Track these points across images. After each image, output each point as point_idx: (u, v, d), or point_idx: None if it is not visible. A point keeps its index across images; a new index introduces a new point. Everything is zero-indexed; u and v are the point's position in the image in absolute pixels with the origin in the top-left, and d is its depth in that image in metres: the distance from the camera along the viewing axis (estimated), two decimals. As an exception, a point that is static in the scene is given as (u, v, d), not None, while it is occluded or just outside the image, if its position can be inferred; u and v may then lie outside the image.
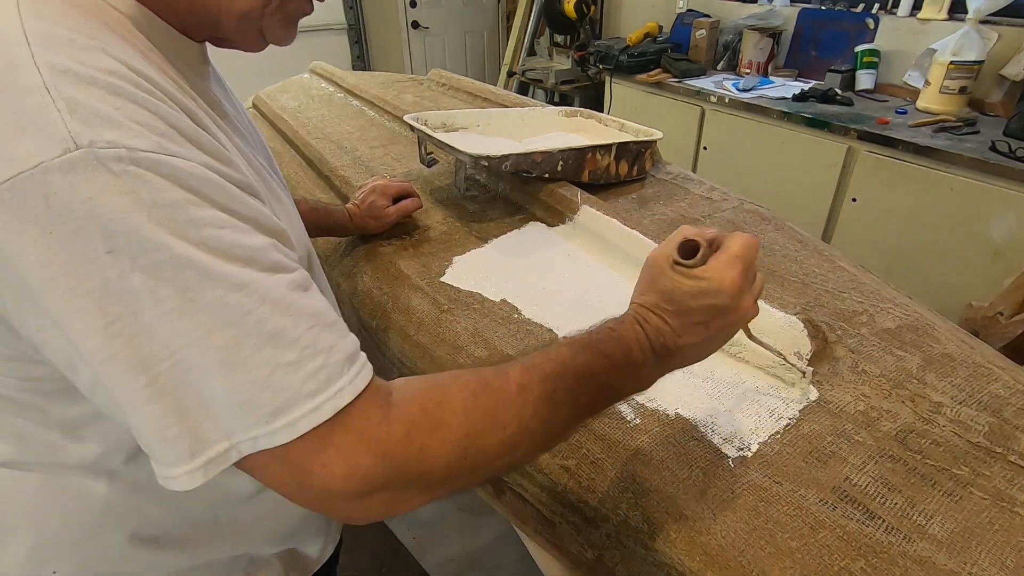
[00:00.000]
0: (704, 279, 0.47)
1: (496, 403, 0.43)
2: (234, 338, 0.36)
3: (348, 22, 4.04)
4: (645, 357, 0.49)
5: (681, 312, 0.49)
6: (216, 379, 0.36)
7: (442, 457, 0.41)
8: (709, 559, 0.56)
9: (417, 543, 1.66)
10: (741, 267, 0.48)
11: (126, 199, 0.34)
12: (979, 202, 1.78)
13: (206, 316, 0.36)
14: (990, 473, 0.60)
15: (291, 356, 0.38)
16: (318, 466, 0.38)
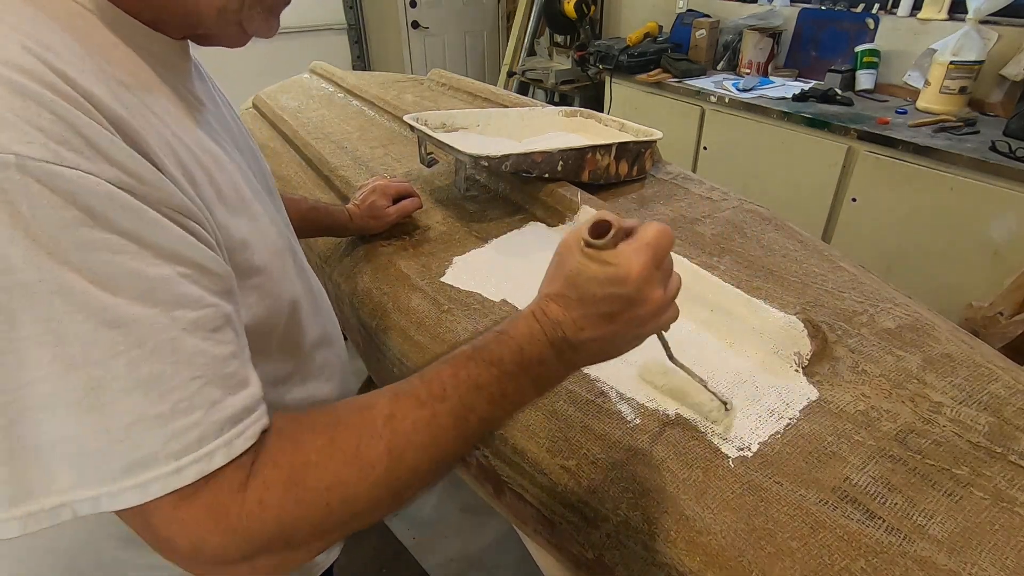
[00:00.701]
0: (611, 264, 0.42)
1: (358, 443, 0.39)
2: (96, 380, 0.32)
3: (348, 22, 4.03)
4: (542, 354, 0.44)
5: (585, 300, 0.43)
6: (64, 423, 0.32)
7: (303, 518, 0.37)
8: (709, 559, 0.56)
9: (417, 543, 1.66)
10: (651, 255, 0.43)
11: (3, 210, 0.30)
12: (979, 202, 1.78)
13: (68, 350, 0.32)
14: (990, 473, 0.60)
15: (160, 408, 0.34)
16: (165, 536, 0.35)
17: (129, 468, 0.33)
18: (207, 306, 0.37)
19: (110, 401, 0.33)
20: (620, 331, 0.45)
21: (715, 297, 0.83)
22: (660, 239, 0.44)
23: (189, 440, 0.34)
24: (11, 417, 0.32)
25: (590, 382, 0.74)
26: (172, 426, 0.34)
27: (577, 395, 0.72)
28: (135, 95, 0.40)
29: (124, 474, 0.33)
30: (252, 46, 0.64)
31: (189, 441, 0.34)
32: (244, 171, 0.54)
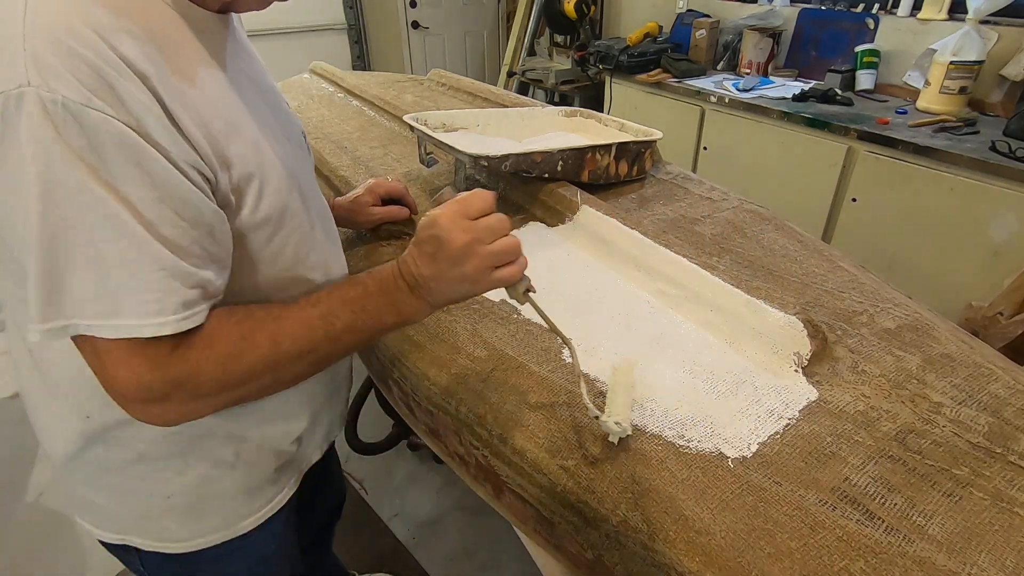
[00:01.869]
0: (429, 213, 0.58)
1: (253, 328, 0.56)
2: (99, 252, 0.48)
3: (348, 22, 4.03)
4: (397, 284, 0.60)
5: (417, 242, 0.59)
6: (79, 275, 0.48)
7: (207, 372, 0.54)
8: (709, 559, 0.56)
9: (417, 542, 1.66)
10: (457, 206, 0.57)
11: (52, 132, 0.45)
12: (979, 202, 1.78)
13: (84, 231, 0.47)
14: (990, 473, 0.60)
15: (134, 284, 0.49)
16: (113, 372, 0.51)
17: (108, 314, 0.49)
18: (179, 226, 0.51)
19: (106, 270, 0.49)
20: (444, 269, 0.58)
21: (715, 297, 0.83)
22: (469, 196, 0.58)
23: (151, 310, 0.50)
24: (47, 265, 0.48)
25: (590, 382, 0.74)
26: (142, 296, 0.50)
27: (577, 395, 0.72)
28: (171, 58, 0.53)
29: (104, 316, 0.49)
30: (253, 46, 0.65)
31: (151, 311, 0.50)
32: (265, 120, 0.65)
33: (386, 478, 1.87)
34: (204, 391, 0.54)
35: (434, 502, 1.79)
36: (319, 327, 0.58)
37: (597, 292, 0.90)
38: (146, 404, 0.53)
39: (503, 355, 0.79)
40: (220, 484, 0.72)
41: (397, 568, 1.60)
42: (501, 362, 0.79)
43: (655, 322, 0.84)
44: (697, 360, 0.77)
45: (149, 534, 0.73)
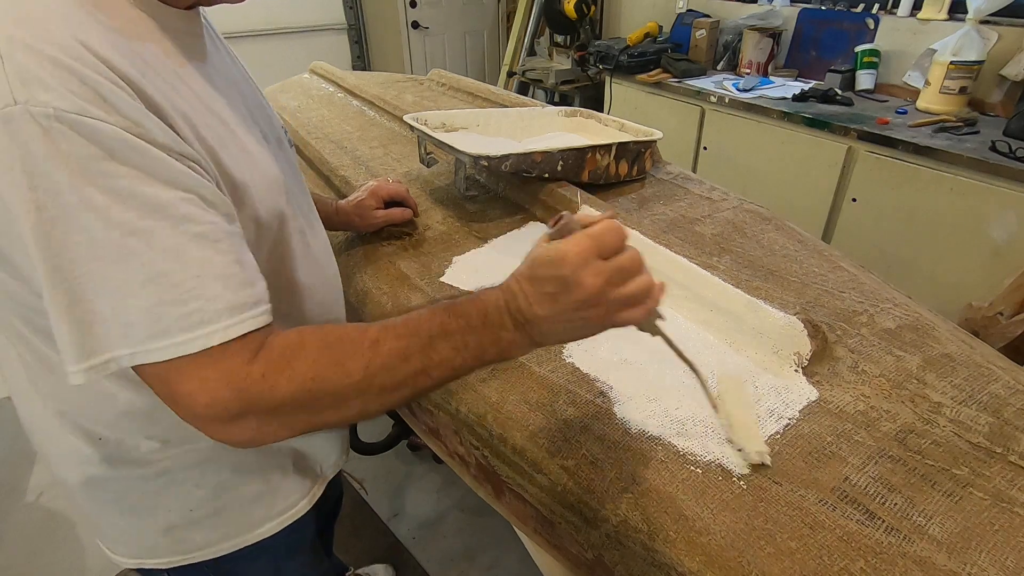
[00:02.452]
0: (553, 247, 0.49)
1: (345, 354, 0.50)
2: (125, 272, 0.44)
3: (348, 22, 4.03)
4: (503, 320, 0.51)
5: (534, 279, 0.50)
6: (109, 302, 0.44)
7: (288, 393, 0.48)
8: (709, 559, 0.56)
9: (417, 543, 1.66)
10: (590, 243, 0.48)
11: (49, 148, 0.42)
12: (979, 202, 1.78)
13: (104, 251, 0.44)
14: (990, 473, 0.60)
15: (173, 295, 0.45)
16: (185, 391, 0.47)
17: (153, 336, 0.45)
18: (207, 223, 0.48)
19: (136, 289, 0.44)
20: (565, 312, 0.50)
21: (715, 297, 0.83)
22: (604, 231, 0.49)
23: (194, 321, 0.45)
24: (72, 298, 0.44)
25: (590, 382, 0.74)
26: (181, 310, 0.45)
27: (577, 395, 0.72)
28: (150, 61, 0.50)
29: (150, 339, 0.45)
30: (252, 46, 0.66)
31: (194, 322, 0.45)
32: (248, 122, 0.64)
33: (386, 478, 1.87)
34: (284, 411, 0.48)
35: (434, 502, 1.79)
36: (416, 360, 0.50)
37: (597, 292, 0.90)
38: (222, 423, 0.48)
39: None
40: (239, 490, 0.72)
41: (398, 568, 1.60)
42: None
43: (655, 322, 0.84)
44: (697, 360, 0.77)
45: (174, 550, 0.73)
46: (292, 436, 0.52)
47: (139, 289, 0.45)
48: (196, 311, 0.46)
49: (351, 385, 0.49)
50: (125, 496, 0.68)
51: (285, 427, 0.50)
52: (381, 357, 0.50)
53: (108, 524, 0.72)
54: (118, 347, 0.45)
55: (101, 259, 0.44)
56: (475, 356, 0.52)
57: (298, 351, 0.49)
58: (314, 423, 0.51)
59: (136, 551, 0.73)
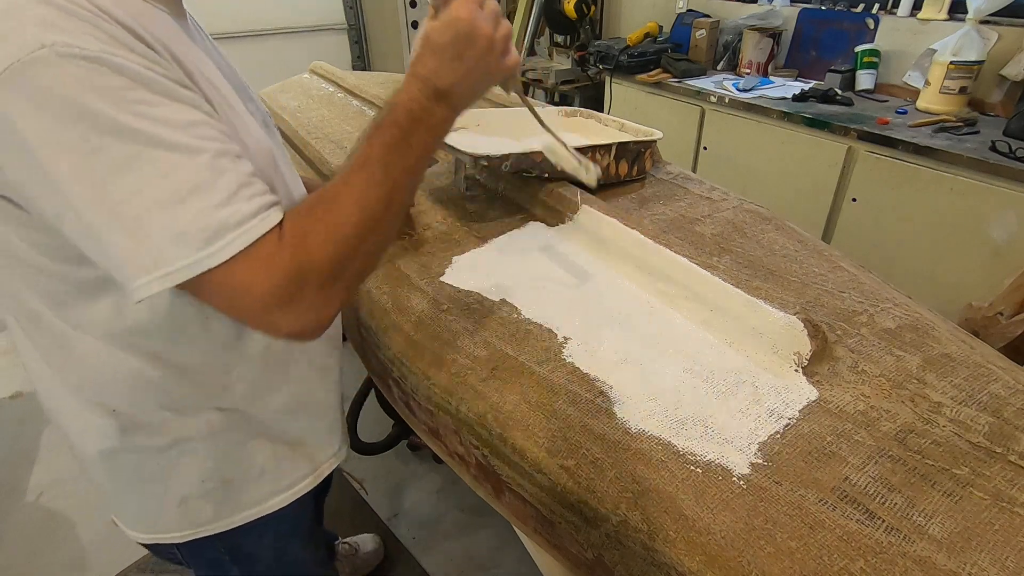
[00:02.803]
0: (445, 16, 0.57)
1: (332, 204, 0.55)
2: (172, 186, 0.47)
3: (348, 22, 4.03)
4: (424, 107, 0.58)
5: (437, 51, 0.57)
6: (161, 216, 0.47)
7: (321, 250, 0.53)
8: (709, 559, 0.56)
9: (417, 543, 1.66)
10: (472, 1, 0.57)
11: (81, 83, 0.45)
12: (979, 202, 1.78)
13: (149, 170, 0.47)
14: (990, 473, 0.60)
15: (216, 201, 0.49)
16: (244, 287, 0.50)
17: (207, 240, 0.48)
18: (227, 143, 0.52)
19: (182, 200, 0.48)
20: (472, 68, 0.58)
21: (715, 297, 0.83)
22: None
23: (235, 221, 0.49)
24: (125, 220, 0.47)
25: (590, 382, 0.74)
26: (224, 211, 0.49)
27: (577, 395, 0.72)
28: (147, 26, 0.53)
29: (205, 244, 0.48)
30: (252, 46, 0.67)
31: (235, 222, 0.49)
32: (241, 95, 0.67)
33: (386, 478, 1.87)
34: (326, 273, 0.53)
35: (434, 502, 1.79)
36: (381, 177, 0.57)
37: (597, 292, 0.90)
38: (285, 309, 0.51)
39: (503, 355, 0.79)
40: (248, 463, 0.76)
41: (398, 569, 1.60)
42: (501, 362, 0.79)
43: (655, 322, 0.84)
44: (697, 360, 0.77)
45: (187, 523, 0.76)
46: (347, 294, 0.56)
47: (188, 199, 0.48)
48: (236, 212, 0.50)
49: (356, 222, 0.55)
50: (141, 468, 0.71)
51: (336, 286, 0.54)
52: (358, 190, 0.55)
53: (125, 498, 0.75)
54: (177, 259, 0.48)
55: (148, 177, 0.47)
56: (422, 149, 0.59)
57: (303, 222, 0.54)
58: (355, 270, 0.56)
59: (151, 525, 0.76)
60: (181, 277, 0.48)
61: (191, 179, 0.48)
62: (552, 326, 0.83)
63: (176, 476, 0.72)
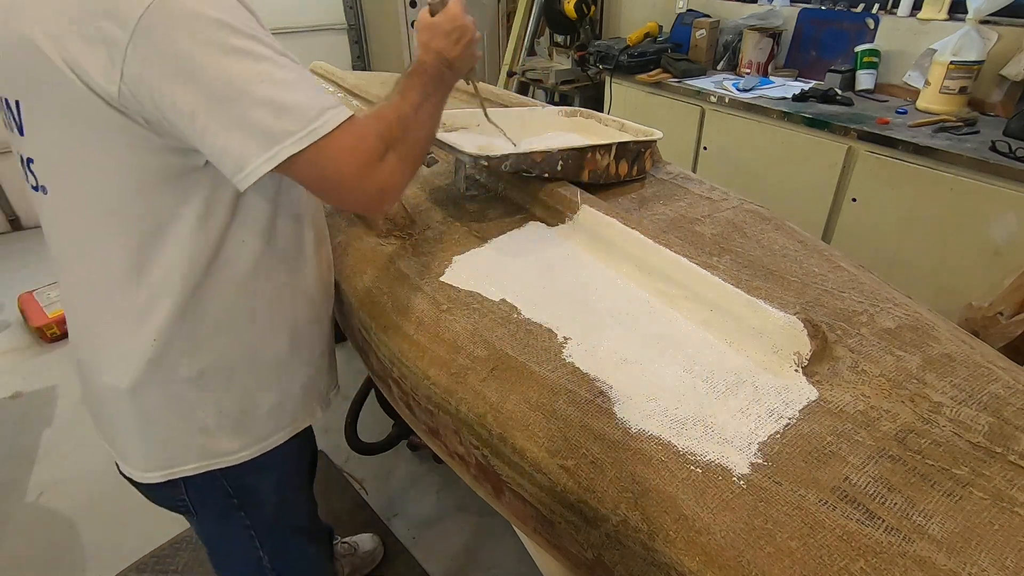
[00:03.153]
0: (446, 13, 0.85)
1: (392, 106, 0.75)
2: (285, 78, 0.62)
3: (348, 22, 4.03)
4: (442, 72, 0.82)
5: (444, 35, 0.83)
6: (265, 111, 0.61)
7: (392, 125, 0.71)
8: (709, 559, 0.56)
9: (417, 543, 1.66)
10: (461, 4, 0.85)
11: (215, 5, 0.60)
12: (979, 202, 1.78)
13: (268, 66, 0.62)
14: (990, 473, 0.60)
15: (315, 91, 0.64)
16: (347, 147, 0.65)
17: (308, 120, 0.62)
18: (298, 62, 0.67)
19: (300, 86, 0.63)
20: (463, 51, 0.84)
21: (715, 297, 0.83)
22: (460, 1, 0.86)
23: (330, 104, 0.65)
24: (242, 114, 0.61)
25: (590, 382, 0.74)
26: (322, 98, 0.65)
27: (577, 395, 0.72)
28: None
29: (308, 123, 0.62)
30: None
31: (330, 105, 0.65)
32: None
33: (386, 478, 1.87)
34: (396, 141, 0.70)
35: (434, 502, 1.79)
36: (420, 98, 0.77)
37: (597, 292, 0.90)
38: (377, 169, 0.68)
39: (503, 355, 0.79)
40: (260, 398, 0.84)
41: (398, 569, 1.60)
42: (501, 362, 0.79)
43: (655, 322, 0.84)
44: (697, 360, 0.77)
45: (202, 453, 0.82)
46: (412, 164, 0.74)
47: (302, 84, 0.63)
48: (329, 99, 0.65)
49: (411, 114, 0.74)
50: (169, 399, 0.78)
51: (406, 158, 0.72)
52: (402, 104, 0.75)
53: (150, 430, 0.80)
54: (284, 140, 0.61)
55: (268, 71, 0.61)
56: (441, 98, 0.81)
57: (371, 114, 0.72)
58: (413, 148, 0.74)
59: (169, 458, 0.82)
60: (308, 140, 0.62)
61: (296, 77, 0.63)
62: (552, 326, 0.83)
63: (200, 405, 0.79)
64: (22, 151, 0.71)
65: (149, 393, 0.77)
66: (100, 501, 1.81)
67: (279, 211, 0.78)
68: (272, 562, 0.97)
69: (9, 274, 3.04)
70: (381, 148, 0.68)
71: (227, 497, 0.88)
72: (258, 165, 0.61)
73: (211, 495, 0.87)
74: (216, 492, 0.87)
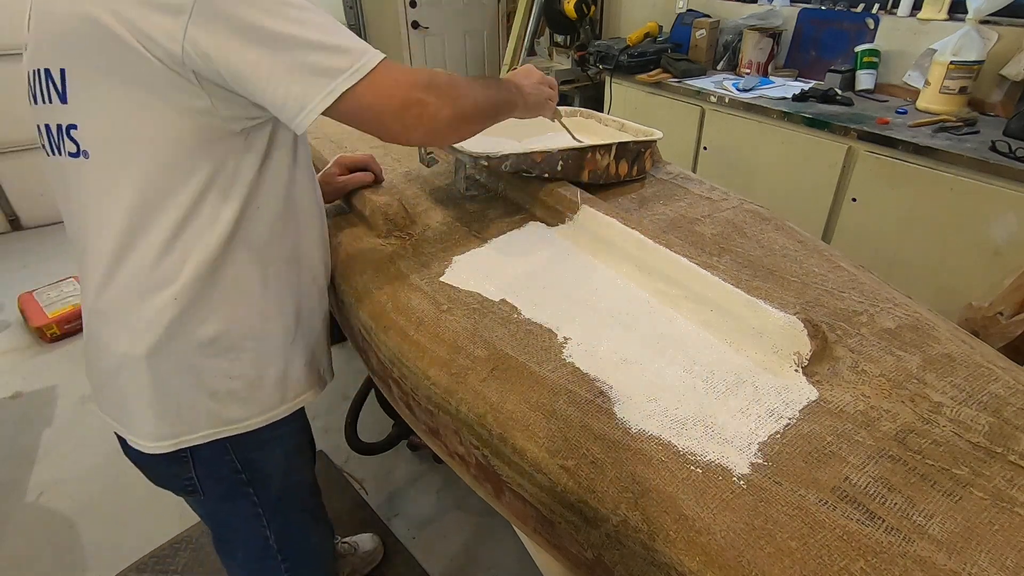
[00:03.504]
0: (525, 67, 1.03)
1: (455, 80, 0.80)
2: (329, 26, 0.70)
3: (348, 22, 4.03)
4: (519, 88, 0.97)
5: (519, 76, 1.01)
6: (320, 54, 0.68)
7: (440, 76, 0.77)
8: (709, 559, 0.56)
9: (417, 543, 1.66)
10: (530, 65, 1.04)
11: None
12: (979, 202, 1.78)
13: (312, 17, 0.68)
14: (990, 473, 0.60)
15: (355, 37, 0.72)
16: (396, 78, 0.72)
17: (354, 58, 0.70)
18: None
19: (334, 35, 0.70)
20: (532, 88, 0.99)
21: (715, 297, 0.83)
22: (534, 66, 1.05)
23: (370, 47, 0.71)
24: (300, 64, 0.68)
25: (590, 382, 0.74)
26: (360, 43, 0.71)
27: (577, 395, 0.72)
28: None
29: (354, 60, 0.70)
30: None
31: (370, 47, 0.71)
32: None
33: (386, 478, 1.87)
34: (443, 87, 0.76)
35: (434, 502, 1.79)
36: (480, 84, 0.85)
37: (597, 292, 0.90)
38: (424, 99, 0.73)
39: (503, 355, 0.79)
40: (270, 367, 0.87)
41: (398, 568, 1.60)
42: (501, 362, 0.79)
43: (655, 322, 0.84)
44: (697, 360, 0.77)
45: (211, 421, 0.84)
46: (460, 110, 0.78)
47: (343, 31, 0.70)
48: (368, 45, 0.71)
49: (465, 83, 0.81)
50: (181, 363, 0.80)
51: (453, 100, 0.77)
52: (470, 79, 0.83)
53: (164, 397, 0.81)
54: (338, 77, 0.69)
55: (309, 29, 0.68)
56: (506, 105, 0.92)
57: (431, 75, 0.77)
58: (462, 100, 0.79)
59: (179, 426, 0.83)
60: (360, 75, 0.69)
61: (336, 27, 0.70)
62: (552, 326, 0.83)
63: (210, 373, 0.82)
64: (59, 120, 0.73)
65: (164, 359, 0.79)
66: (100, 501, 1.81)
67: (294, 179, 0.85)
68: (278, 542, 0.99)
69: (9, 274, 3.04)
70: (421, 85, 0.73)
71: (235, 472, 0.90)
72: (317, 103, 0.69)
73: (219, 470, 0.89)
74: (224, 467, 0.89)
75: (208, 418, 0.84)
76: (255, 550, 0.99)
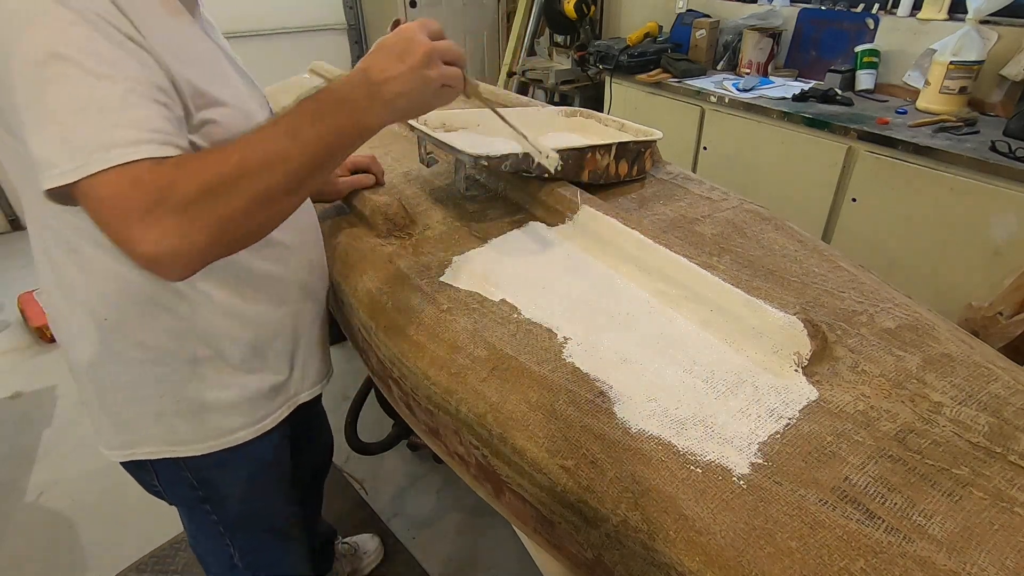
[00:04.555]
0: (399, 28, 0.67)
1: (221, 148, 0.60)
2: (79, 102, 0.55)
3: (348, 22, 4.04)
4: (353, 90, 0.64)
5: (382, 49, 0.65)
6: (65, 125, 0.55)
7: (188, 179, 0.57)
8: (709, 559, 0.56)
9: (417, 543, 1.66)
10: (418, 23, 0.67)
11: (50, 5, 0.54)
12: (979, 202, 1.78)
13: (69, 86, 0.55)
14: (990, 473, 0.60)
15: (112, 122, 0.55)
16: (110, 195, 0.55)
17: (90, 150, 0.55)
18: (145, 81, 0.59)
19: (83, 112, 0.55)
20: (408, 71, 0.64)
21: (715, 297, 0.83)
22: (424, 21, 0.68)
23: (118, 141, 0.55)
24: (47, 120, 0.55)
25: (590, 382, 0.74)
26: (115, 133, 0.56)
27: (577, 395, 0.72)
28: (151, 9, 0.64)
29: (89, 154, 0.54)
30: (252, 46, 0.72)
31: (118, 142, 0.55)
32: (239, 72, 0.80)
33: (386, 478, 1.87)
34: (185, 199, 0.56)
35: (434, 502, 1.79)
36: (283, 137, 0.61)
37: (597, 292, 0.90)
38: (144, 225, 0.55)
39: (503, 355, 0.79)
40: (223, 392, 0.82)
41: (398, 569, 1.60)
42: (501, 362, 0.79)
43: (655, 322, 0.84)
44: (697, 360, 0.77)
45: (163, 439, 0.82)
46: (209, 234, 0.58)
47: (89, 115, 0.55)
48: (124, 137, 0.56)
49: (232, 164, 0.58)
50: (122, 377, 0.77)
51: (196, 218, 0.57)
52: (252, 142, 0.60)
53: (110, 408, 0.80)
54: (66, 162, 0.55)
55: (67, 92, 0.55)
56: (334, 128, 0.63)
57: (185, 158, 0.59)
58: (222, 211, 0.58)
59: (130, 439, 0.82)
60: (66, 179, 0.55)
61: (97, 101, 0.55)
62: (552, 326, 0.83)
63: (154, 393, 0.78)
64: None
65: (107, 371, 0.77)
66: (100, 501, 1.81)
67: None
68: (242, 559, 0.97)
69: (9, 274, 3.04)
70: (150, 202, 0.55)
71: (192, 489, 0.87)
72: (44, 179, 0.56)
73: (177, 484, 0.87)
74: (181, 482, 0.86)
75: (157, 436, 0.82)
76: (224, 564, 0.98)
